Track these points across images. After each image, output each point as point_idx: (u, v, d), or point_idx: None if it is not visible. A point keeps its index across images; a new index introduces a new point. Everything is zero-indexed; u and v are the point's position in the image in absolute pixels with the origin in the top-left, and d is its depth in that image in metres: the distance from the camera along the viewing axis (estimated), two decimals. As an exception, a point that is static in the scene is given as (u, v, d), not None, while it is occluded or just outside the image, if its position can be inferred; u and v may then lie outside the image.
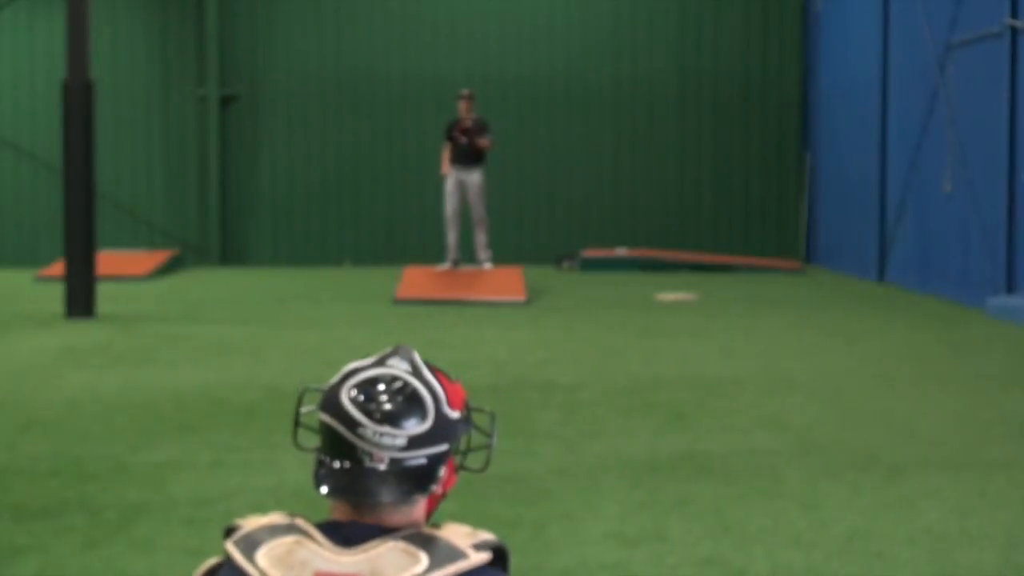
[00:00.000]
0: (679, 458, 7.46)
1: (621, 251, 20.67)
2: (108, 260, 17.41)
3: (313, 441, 2.19)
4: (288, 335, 12.68)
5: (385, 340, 12.09)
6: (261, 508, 4.96)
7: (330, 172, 21.72)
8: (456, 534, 2.11)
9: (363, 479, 2.09)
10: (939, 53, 16.16)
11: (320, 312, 14.69)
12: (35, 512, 6.32)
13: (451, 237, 17.13)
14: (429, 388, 2.14)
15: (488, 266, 17.09)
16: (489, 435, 2.29)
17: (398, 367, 2.16)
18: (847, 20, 19.86)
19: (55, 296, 14.80)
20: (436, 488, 2.15)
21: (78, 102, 13.83)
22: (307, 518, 2.14)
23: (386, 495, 2.09)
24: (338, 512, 2.15)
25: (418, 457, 2.11)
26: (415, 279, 16.78)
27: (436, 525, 2.16)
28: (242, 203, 21.68)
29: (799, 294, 16.87)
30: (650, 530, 6.03)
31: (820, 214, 21.26)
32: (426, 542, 2.07)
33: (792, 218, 21.90)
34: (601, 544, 5.83)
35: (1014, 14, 14.19)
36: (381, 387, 2.12)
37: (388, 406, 2.10)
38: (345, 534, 2.10)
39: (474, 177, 16.68)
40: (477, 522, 5.40)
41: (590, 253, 20.56)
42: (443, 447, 2.14)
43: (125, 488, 6.76)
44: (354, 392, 2.12)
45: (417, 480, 2.12)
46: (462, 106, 16.64)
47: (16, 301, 15.77)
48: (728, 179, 21.85)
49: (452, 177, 16.81)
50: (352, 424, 2.10)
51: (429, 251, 20.27)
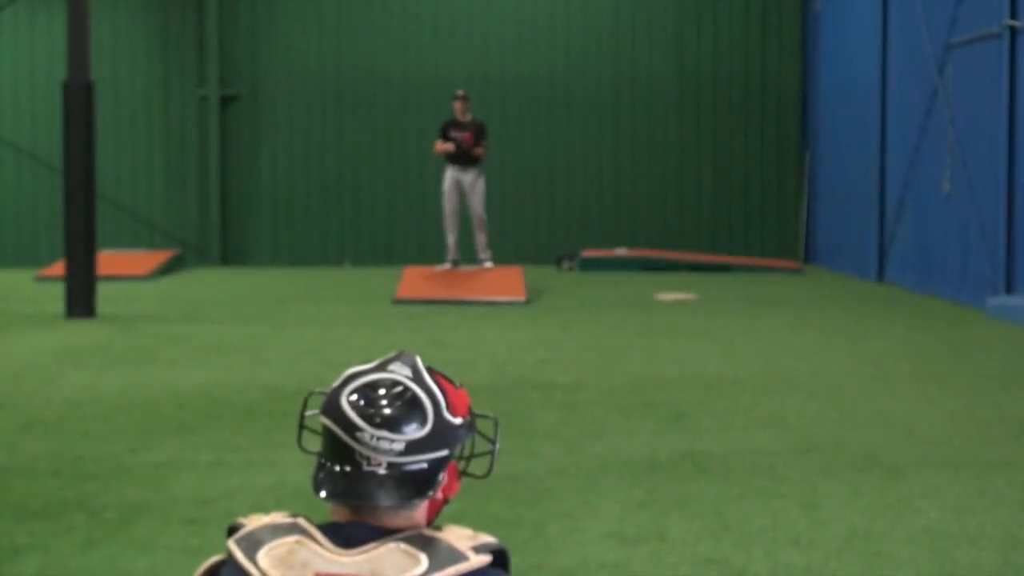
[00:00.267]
0: (679, 458, 7.47)
1: (621, 251, 20.67)
2: (108, 260, 17.40)
3: (317, 444, 2.20)
4: (288, 335, 12.69)
5: (385, 340, 12.11)
6: (261, 508, 4.96)
7: (330, 172, 21.72)
8: (457, 536, 2.12)
9: (361, 483, 2.10)
10: (938, 53, 16.16)
11: (320, 312, 14.68)
12: (35, 512, 6.33)
13: (450, 238, 17.14)
14: (429, 393, 2.14)
15: (488, 266, 17.11)
16: (492, 441, 2.30)
17: (399, 372, 2.16)
18: (847, 20, 19.86)
19: (55, 296, 14.80)
20: (436, 493, 2.16)
21: (78, 102, 13.83)
22: (309, 518, 2.15)
23: (384, 499, 2.09)
24: (338, 514, 2.16)
25: (417, 462, 2.11)
26: (415, 279, 16.79)
27: (437, 527, 2.16)
28: (242, 203, 21.68)
29: (799, 294, 16.87)
30: (650, 530, 6.04)
31: (820, 214, 21.26)
32: (426, 544, 2.08)
33: (792, 218, 21.90)
34: (601, 544, 5.84)
35: (1013, 14, 14.19)
36: (381, 392, 2.13)
37: (387, 411, 2.11)
38: (345, 535, 2.11)
39: (470, 177, 16.72)
40: (477, 522, 5.41)
41: (590, 253, 20.56)
42: (443, 452, 2.15)
43: (125, 488, 6.77)
44: (354, 396, 2.13)
45: (417, 485, 2.12)
46: (457, 107, 16.73)
47: (16, 301, 15.77)
48: (728, 179, 21.84)
49: (449, 176, 16.85)
50: (351, 428, 2.10)
51: (429, 251, 20.27)
